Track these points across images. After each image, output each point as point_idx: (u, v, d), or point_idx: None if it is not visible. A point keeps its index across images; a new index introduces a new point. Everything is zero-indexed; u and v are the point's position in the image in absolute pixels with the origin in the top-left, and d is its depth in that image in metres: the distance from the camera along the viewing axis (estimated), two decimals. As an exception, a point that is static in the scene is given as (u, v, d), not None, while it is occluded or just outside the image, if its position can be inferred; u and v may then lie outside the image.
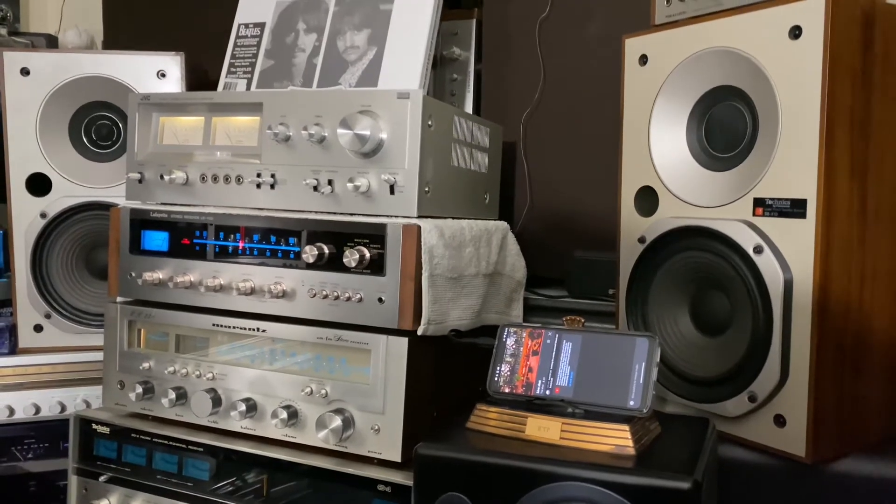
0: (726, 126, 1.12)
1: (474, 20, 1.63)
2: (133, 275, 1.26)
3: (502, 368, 1.02)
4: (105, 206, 1.50)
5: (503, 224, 1.39)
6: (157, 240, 1.25)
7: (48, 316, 1.52)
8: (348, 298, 1.10)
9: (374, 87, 1.31)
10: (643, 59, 1.21)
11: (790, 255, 1.02)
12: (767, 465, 1.07)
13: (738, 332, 1.09)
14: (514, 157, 1.58)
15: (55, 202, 1.50)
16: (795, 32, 1.00)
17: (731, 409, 1.08)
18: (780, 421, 1.04)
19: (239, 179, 1.21)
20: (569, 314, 1.46)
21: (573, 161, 1.54)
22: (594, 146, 1.50)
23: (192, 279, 1.21)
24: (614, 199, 1.33)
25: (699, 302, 1.17)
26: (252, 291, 1.16)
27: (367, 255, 1.09)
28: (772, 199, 1.04)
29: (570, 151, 1.54)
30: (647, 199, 1.22)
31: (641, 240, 1.20)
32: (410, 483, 1.04)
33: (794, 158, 1.01)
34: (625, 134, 1.25)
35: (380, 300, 1.09)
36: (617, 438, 0.90)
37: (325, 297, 1.12)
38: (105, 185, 1.52)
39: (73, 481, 1.28)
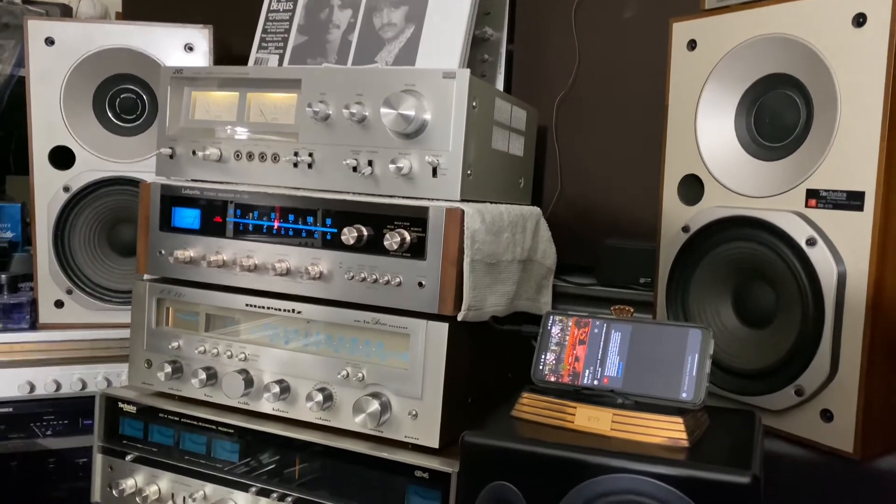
0: (778, 115, 1.10)
1: None
2: (163, 252, 1.24)
3: (547, 357, 1.00)
4: (129, 181, 1.48)
5: (536, 210, 1.36)
6: (188, 217, 1.23)
7: (70, 292, 1.49)
8: (387, 282, 1.08)
9: (413, 66, 1.28)
10: (692, 45, 1.18)
11: (844, 249, 1.00)
12: (811, 459, 1.06)
13: (785, 324, 1.07)
14: (544, 142, 1.56)
15: (79, 176, 1.47)
16: (859, 20, 0.98)
17: (776, 403, 1.07)
18: (826, 416, 1.03)
19: (275, 158, 1.18)
20: (598, 302, 1.45)
21: (606, 147, 1.51)
22: (629, 132, 1.48)
23: (226, 258, 1.18)
24: (647, 186, 1.30)
25: (743, 293, 1.15)
26: (288, 272, 1.14)
27: (408, 238, 1.07)
28: (826, 190, 1.02)
29: (604, 137, 1.52)
30: (692, 188, 1.20)
31: (685, 229, 1.18)
32: (448, 470, 1.03)
33: (851, 149, 0.99)
34: (669, 120, 1.23)
35: (420, 284, 1.07)
36: (670, 430, 0.88)
37: (363, 279, 1.09)
38: (129, 159, 1.49)
39: (98, 460, 1.26)
